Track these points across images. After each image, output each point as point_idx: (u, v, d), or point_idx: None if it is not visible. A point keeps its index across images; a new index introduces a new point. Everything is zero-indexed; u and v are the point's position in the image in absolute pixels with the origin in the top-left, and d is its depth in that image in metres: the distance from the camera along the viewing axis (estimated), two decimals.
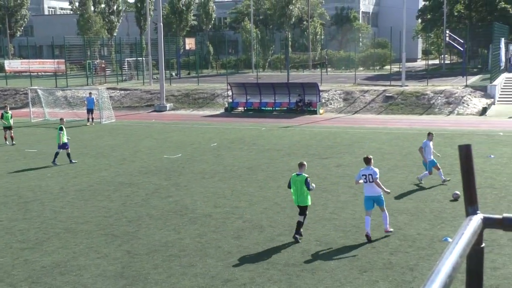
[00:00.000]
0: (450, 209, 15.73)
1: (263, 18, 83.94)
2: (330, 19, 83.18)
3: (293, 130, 31.72)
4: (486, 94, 39.65)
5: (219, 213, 15.84)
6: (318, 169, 21.20)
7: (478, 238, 2.08)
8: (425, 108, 38.23)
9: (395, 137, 28.31)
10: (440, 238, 13.41)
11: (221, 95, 44.80)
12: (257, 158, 23.51)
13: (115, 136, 30.76)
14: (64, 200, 17.68)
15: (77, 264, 12.33)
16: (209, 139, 29.13)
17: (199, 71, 61.26)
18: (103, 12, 77.91)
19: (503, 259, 12.01)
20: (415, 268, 11.74)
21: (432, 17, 66.53)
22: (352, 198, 17.05)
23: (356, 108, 39.94)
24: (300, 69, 70.30)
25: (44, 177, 20.92)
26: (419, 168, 20.82)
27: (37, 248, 13.39)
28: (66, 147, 23.40)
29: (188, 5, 78.52)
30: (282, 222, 14.93)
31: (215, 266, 12.03)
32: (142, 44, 65.39)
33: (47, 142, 29.24)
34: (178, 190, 18.58)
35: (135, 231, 14.49)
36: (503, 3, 62.15)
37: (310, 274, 11.52)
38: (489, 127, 31.10)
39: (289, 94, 40.33)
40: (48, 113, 40.15)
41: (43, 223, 15.29)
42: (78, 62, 68.24)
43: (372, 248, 12.86)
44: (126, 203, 17.17)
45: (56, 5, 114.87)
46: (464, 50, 54.25)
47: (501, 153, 23.40)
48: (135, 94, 47.79)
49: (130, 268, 12.03)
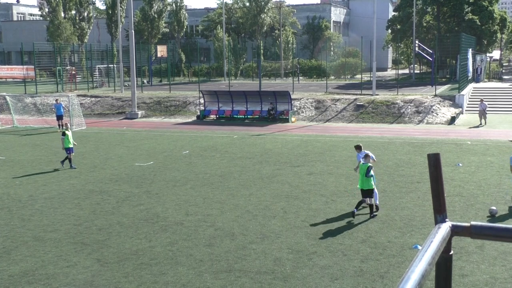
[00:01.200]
0: (419, 216, 15.93)
1: (235, 27, 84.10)
2: (302, 28, 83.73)
3: (265, 138, 31.79)
4: (454, 103, 40.32)
5: (190, 221, 15.77)
6: (290, 177, 21.27)
7: (446, 246, 2.12)
8: (395, 117, 38.69)
9: (366, 146, 28.48)
10: (410, 245, 13.56)
11: (193, 102, 44.69)
12: (229, 166, 23.50)
13: (85, 144, 30.42)
14: (33, 208, 17.41)
15: (46, 273, 12.15)
16: (181, 146, 29.01)
17: (171, 78, 61.07)
18: (74, 18, 77.13)
19: (471, 266, 12.20)
20: (385, 276, 11.84)
21: (402, 27, 67.43)
22: (324, 206, 17.14)
23: (328, 116, 40.23)
24: (272, 78, 70.54)
25: (12, 185, 20.58)
26: (390, 177, 21.05)
27: (5, 256, 13.15)
28: (69, 152, 23.49)
29: (160, 12, 78.30)
30: (254, 230, 14.93)
31: (186, 274, 11.97)
32: (114, 51, 64.91)
33: (16, 149, 28.79)
34: (150, 198, 18.46)
35: (105, 239, 14.34)
36: (470, 15, 63.35)
37: (282, 282, 11.54)
38: (458, 136, 31.61)
39: (261, 102, 40.45)
40: (17, 120, 39.56)
41: (11, 231, 15.03)
42: (48, 69, 67.43)
43: (344, 256, 12.95)
44: (96, 211, 16.98)
45: (25, 11, 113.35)
46: (433, 60, 55.11)
47: (469, 161, 23.79)
48: (106, 101, 47.38)
49: (100, 277, 11.90)
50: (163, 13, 78.82)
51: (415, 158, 24.68)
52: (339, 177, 21.11)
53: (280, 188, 19.58)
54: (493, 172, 21.66)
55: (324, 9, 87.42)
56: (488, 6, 63.30)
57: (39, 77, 60.27)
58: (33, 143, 31.02)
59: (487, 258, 12.67)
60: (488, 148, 27.11)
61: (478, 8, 62.93)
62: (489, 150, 26.63)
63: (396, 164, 23.56)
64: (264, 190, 19.25)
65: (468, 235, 2.20)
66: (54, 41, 66.14)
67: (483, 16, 62.55)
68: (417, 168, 22.56)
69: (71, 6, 77.09)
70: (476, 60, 55.32)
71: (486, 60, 62.83)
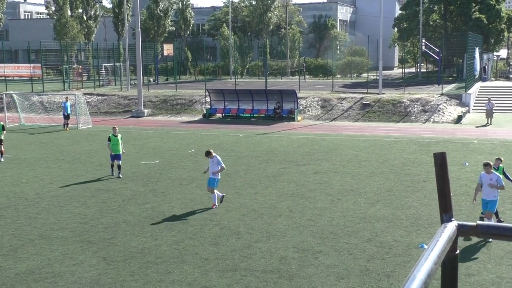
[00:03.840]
0: (426, 216, 15.89)
1: (242, 25, 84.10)
2: (308, 27, 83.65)
3: (271, 137, 31.77)
4: (461, 102, 40.19)
5: (196, 220, 15.79)
6: (296, 175, 21.26)
7: (452, 245, 2.11)
8: (401, 115, 38.60)
9: (372, 145, 28.52)
10: (416, 244, 13.53)
11: (199, 101, 44.73)
12: (235, 165, 23.50)
13: (92, 142, 30.50)
14: (39, 206, 17.47)
15: (52, 271, 12.19)
16: (187, 145, 29.04)
17: (177, 77, 61.13)
18: (80, 17, 77.30)
19: (478, 266, 12.16)
20: (391, 275, 11.82)
21: (408, 26, 67.27)
22: (330, 205, 17.13)
23: (334, 115, 40.18)
24: (278, 76, 70.53)
25: (19, 183, 20.65)
26: (396, 175, 21.02)
27: (11, 255, 13.20)
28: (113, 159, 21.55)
29: (166, 11, 78.38)
30: (260, 228, 14.93)
31: (192, 273, 11.98)
32: (120, 49, 65.05)
33: (23, 147, 28.89)
34: (155, 197, 18.48)
35: (112, 237, 14.37)
36: (477, 13, 63.11)
37: (288, 281, 11.53)
38: (464, 135, 31.50)
39: (267, 101, 40.43)
40: (23, 118, 39.70)
41: (18, 230, 15.09)
42: (55, 67, 67.61)
43: (349, 255, 12.93)
44: (102, 209, 17.02)
45: (32, 10, 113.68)
46: (439, 59, 54.96)
47: (476, 160, 23.70)
48: (113, 99, 47.48)
49: (106, 275, 11.93)
50: (169, 11, 78.90)
51: (421, 157, 24.62)
52: (345, 176, 21.08)
53: (286, 187, 19.57)
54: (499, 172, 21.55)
55: (331, 8, 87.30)
56: (496, 5, 63.04)
57: (46, 75, 60.45)
58: (40, 141, 31.12)
59: (494, 257, 12.63)
60: (495, 147, 27.01)
61: (485, 6, 62.68)
62: (496, 149, 26.53)
63: (402, 163, 23.51)
64: (270, 189, 19.24)
65: (474, 235, 2.19)
66: (61, 40, 66.32)
67: (490, 15, 62.29)
68: (423, 167, 22.50)
69: (77, 5, 77.27)
70: (483, 59, 55.11)
71: (493, 59, 62.59)
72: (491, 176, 13.96)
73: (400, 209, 16.68)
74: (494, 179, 13.92)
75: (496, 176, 14.01)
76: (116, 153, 21.46)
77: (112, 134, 21.74)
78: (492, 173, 14.04)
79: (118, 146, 21.50)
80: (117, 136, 21.64)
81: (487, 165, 14.09)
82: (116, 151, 21.46)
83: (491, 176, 13.97)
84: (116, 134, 21.68)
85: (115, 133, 21.70)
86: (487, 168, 14.03)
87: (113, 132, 21.82)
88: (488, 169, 13.99)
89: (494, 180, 13.89)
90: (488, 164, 14.09)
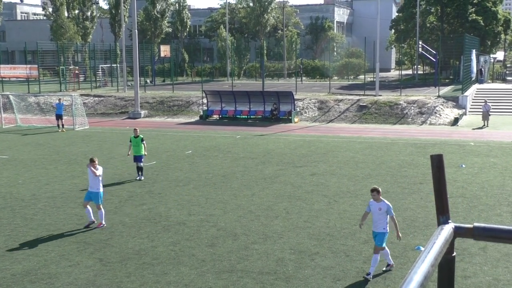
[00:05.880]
0: (422, 218, 15.90)
1: (239, 27, 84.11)
2: (305, 29, 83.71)
3: (268, 138, 31.78)
4: (457, 104, 40.26)
5: (193, 221, 15.78)
6: (293, 177, 21.26)
7: (449, 247, 2.11)
8: (398, 117, 38.66)
9: (368, 146, 28.54)
10: (412, 246, 13.54)
11: (196, 102, 44.72)
12: (232, 166, 23.50)
13: (88, 143, 30.46)
14: (35, 207, 17.44)
15: (48, 272, 12.16)
16: (183, 146, 29.02)
17: (174, 78, 61.07)
18: (77, 18, 77.18)
19: (474, 268, 12.18)
20: (388, 277, 11.83)
21: (405, 28, 67.40)
22: (326, 207, 17.13)
23: (331, 117, 40.21)
24: (275, 78, 70.57)
25: (15, 184, 20.60)
26: (393, 177, 21.04)
27: (7, 255, 13.17)
28: (136, 161, 21.26)
29: (163, 12, 78.35)
30: (256, 230, 14.92)
31: (188, 274, 11.96)
32: (117, 50, 64.97)
33: (19, 148, 28.83)
34: (152, 198, 18.46)
35: (108, 238, 14.35)
36: (474, 15, 63.26)
37: (284, 283, 11.53)
38: (461, 137, 31.56)
39: (264, 103, 40.44)
40: (20, 119, 39.63)
41: (14, 231, 15.05)
42: (51, 68, 67.47)
43: (346, 257, 12.93)
44: None
45: (29, 10, 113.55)
46: (436, 61, 55.07)
47: (472, 162, 23.75)
48: (109, 100, 47.42)
49: (102, 276, 11.91)
50: (166, 13, 78.86)
51: (418, 159, 24.66)
52: (342, 178, 21.10)
53: (283, 188, 19.57)
54: (496, 174, 21.62)
55: (328, 10, 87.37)
56: (492, 7, 63.23)
57: (42, 76, 60.31)
58: (36, 142, 31.06)
59: (490, 259, 12.64)
60: (492, 150, 27.06)
61: (482, 9, 62.85)
62: (493, 151, 26.59)
63: (399, 165, 23.53)
64: (267, 191, 19.24)
65: (471, 237, 2.19)
66: (58, 41, 66.20)
67: (487, 17, 62.47)
68: (420, 169, 22.53)
69: (74, 6, 77.06)
70: (480, 61, 55.23)
71: (490, 61, 62.74)
72: (380, 205, 11.83)
73: (397, 211, 16.67)
74: (384, 208, 11.79)
75: (386, 204, 11.82)
76: (137, 154, 21.16)
77: (133, 135, 21.39)
78: (382, 200, 11.86)
79: (138, 147, 21.15)
80: (137, 137, 21.30)
81: (375, 190, 11.89)
82: (136, 152, 21.15)
83: (380, 204, 11.83)
84: (137, 136, 21.31)
85: (136, 135, 21.34)
86: (374, 194, 11.87)
87: (134, 133, 21.44)
88: (376, 196, 11.83)
89: (384, 210, 11.79)
90: (375, 190, 11.88)
